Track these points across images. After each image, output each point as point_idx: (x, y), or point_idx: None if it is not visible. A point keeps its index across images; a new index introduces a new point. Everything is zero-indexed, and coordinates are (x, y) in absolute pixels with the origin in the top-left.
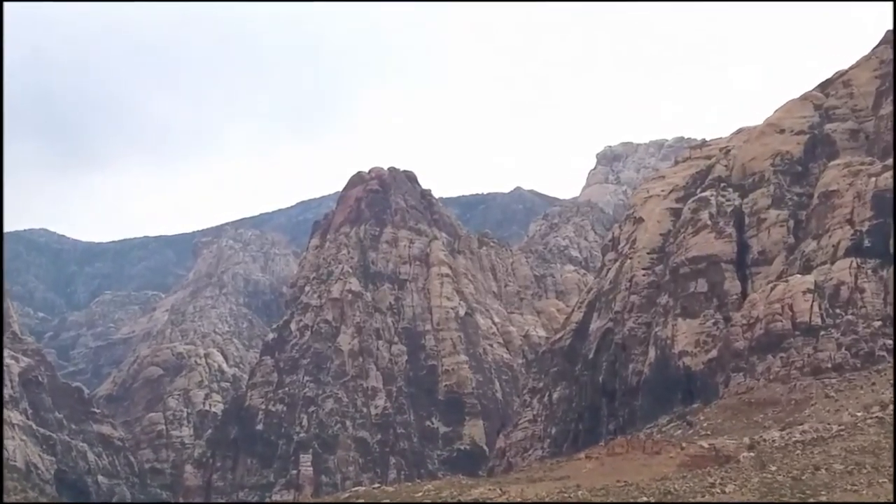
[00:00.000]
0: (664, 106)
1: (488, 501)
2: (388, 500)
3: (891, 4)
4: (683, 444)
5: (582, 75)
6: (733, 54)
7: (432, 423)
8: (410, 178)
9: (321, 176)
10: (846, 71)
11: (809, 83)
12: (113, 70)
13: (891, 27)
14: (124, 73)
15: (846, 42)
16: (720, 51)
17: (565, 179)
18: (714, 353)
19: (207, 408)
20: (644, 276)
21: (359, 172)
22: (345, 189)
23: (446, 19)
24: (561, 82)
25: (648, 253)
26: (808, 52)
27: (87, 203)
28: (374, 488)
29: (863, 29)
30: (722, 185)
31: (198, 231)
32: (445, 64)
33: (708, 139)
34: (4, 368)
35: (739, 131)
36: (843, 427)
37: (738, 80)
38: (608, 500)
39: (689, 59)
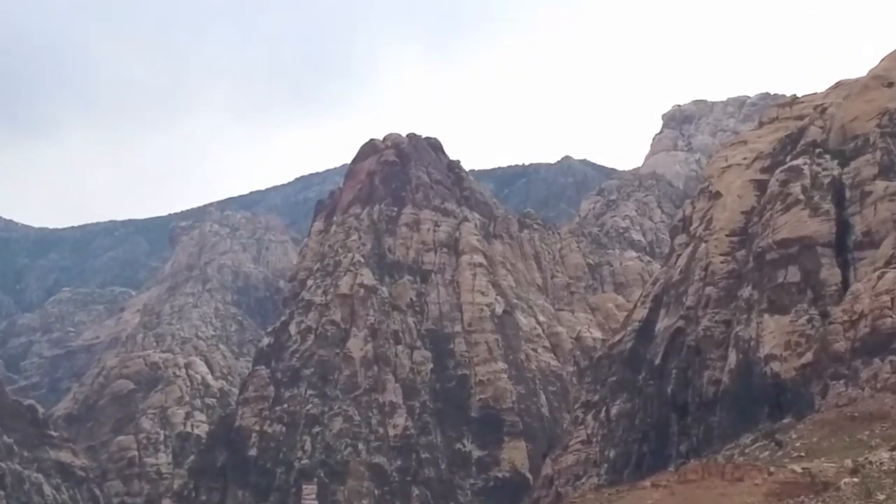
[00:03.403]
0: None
1: None
2: None
3: None
4: (771, 469)
5: (644, 20)
6: None
7: (464, 446)
8: (435, 146)
9: (325, 146)
10: None
11: None
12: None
13: None
14: (74, 21)
15: None
16: None
17: (624, 146)
18: (809, 356)
19: (189, 429)
20: (722, 263)
21: (371, 141)
22: (354, 161)
23: None
24: (618, 29)
25: (727, 235)
26: None
27: (39, 181)
28: None
29: None
30: (817, 150)
31: (175, 214)
32: (477, 10)
33: (799, 95)
34: None
35: (838, 85)
36: None
37: (835, 23)
38: None
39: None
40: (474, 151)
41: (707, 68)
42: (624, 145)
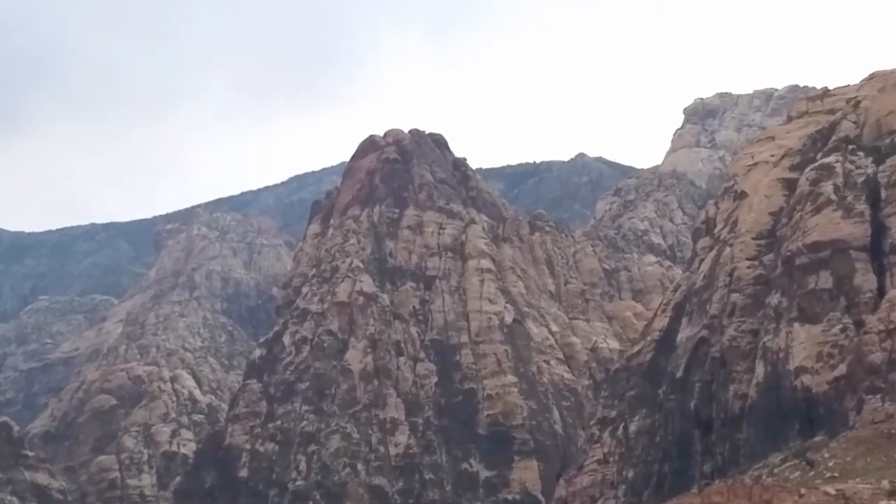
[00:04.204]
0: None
1: None
2: None
3: None
4: (802, 491)
5: (665, 8)
6: None
7: (471, 466)
8: (439, 143)
9: (321, 142)
10: None
11: None
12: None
13: None
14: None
15: None
16: None
17: (643, 143)
18: (842, 369)
19: (175, 448)
20: (749, 268)
21: (371, 137)
22: (353, 159)
23: None
24: (636, 17)
25: (754, 238)
26: None
27: (13, 180)
28: None
29: None
30: (850, 147)
31: (160, 216)
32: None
33: (831, 87)
34: None
35: (872, 77)
36: None
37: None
38: None
39: None
40: (482, 148)
41: (732, 59)
42: (642, 141)
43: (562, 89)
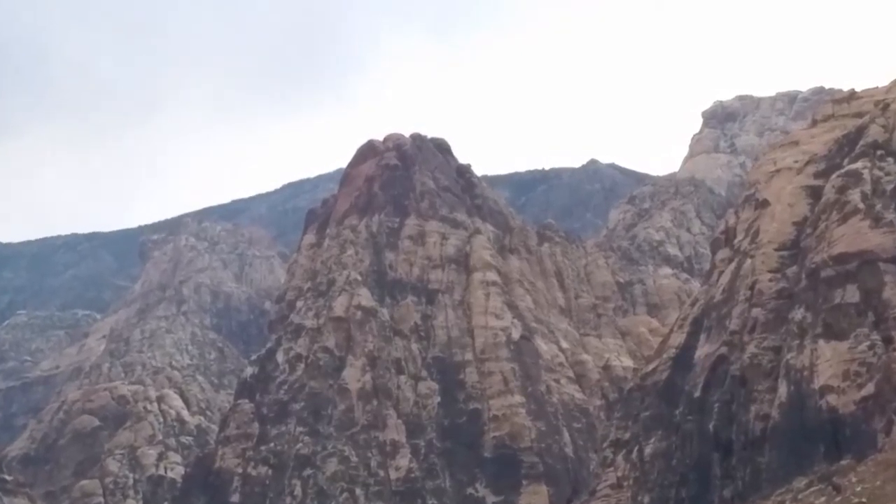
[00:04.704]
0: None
1: None
2: None
3: None
4: None
5: (681, 5)
6: None
7: (476, 491)
8: (442, 148)
9: (317, 148)
10: None
11: None
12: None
13: None
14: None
15: None
16: None
17: (658, 148)
18: (870, 388)
19: (162, 472)
20: (771, 281)
21: (370, 142)
22: (350, 165)
23: None
24: (651, 15)
25: (776, 249)
26: None
27: None
28: None
29: None
30: (879, 152)
31: (146, 226)
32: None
33: (858, 89)
34: None
35: None
36: None
37: None
38: None
39: None
40: (487, 154)
41: (753, 59)
42: (658, 147)
43: (573, 92)
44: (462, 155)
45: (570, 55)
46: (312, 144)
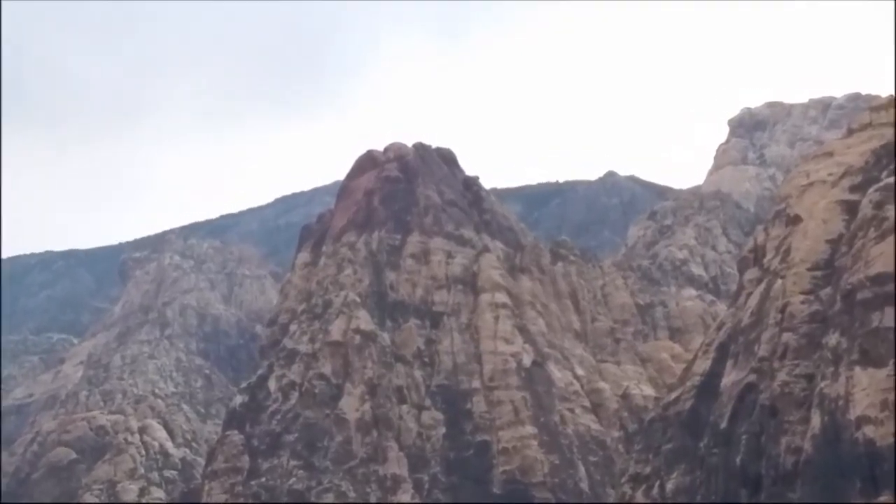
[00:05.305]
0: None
1: None
2: None
3: None
4: None
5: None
6: None
7: None
8: (448, 159)
9: (312, 159)
10: None
11: None
12: None
13: None
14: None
15: None
16: None
17: (681, 159)
18: None
19: None
20: (803, 304)
21: (370, 152)
22: (348, 178)
23: None
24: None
25: (809, 269)
26: None
27: None
28: None
29: None
30: None
31: (127, 242)
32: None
33: None
34: None
35: None
36: None
37: None
38: None
39: None
40: (496, 165)
41: (784, 62)
42: (681, 158)
43: (589, 98)
44: (469, 166)
45: (586, 59)
46: (307, 154)
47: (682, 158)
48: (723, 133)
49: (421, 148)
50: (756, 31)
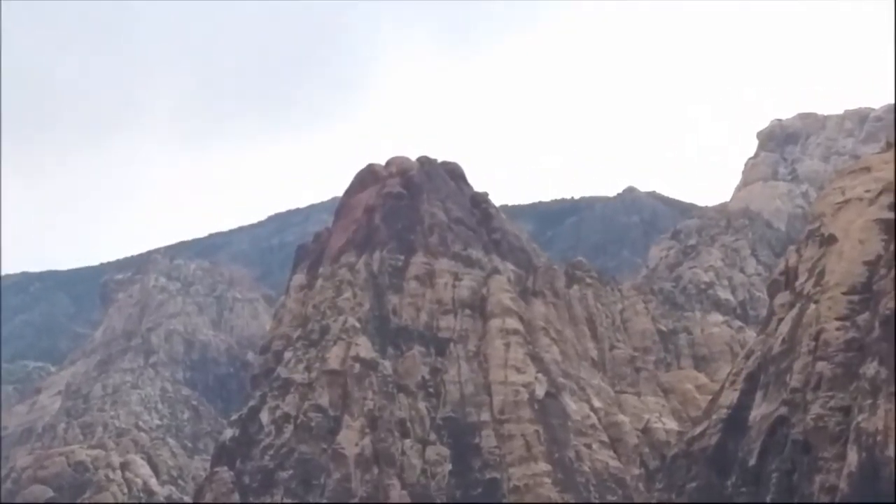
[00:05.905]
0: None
1: None
2: None
3: None
4: None
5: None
6: None
7: None
8: (454, 174)
9: (308, 174)
10: None
11: None
12: None
13: None
14: None
15: None
16: None
17: (707, 175)
18: None
19: None
20: (839, 330)
21: (370, 167)
22: (347, 194)
23: None
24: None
25: (845, 293)
26: None
27: None
28: None
29: None
30: None
31: (108, 263)
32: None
33: None
34: None
35: None
36: None
37: None
38: None
39: None
40: (507, 181)
41: (817, 72)
42: (706, 173)
43: (607, 110)
44: (477, 182)
45: (603, 68)
46: (303, 169)
47: (707, 173)
48: (751, 146)
49: (426, 162)
50: (788, 37)
